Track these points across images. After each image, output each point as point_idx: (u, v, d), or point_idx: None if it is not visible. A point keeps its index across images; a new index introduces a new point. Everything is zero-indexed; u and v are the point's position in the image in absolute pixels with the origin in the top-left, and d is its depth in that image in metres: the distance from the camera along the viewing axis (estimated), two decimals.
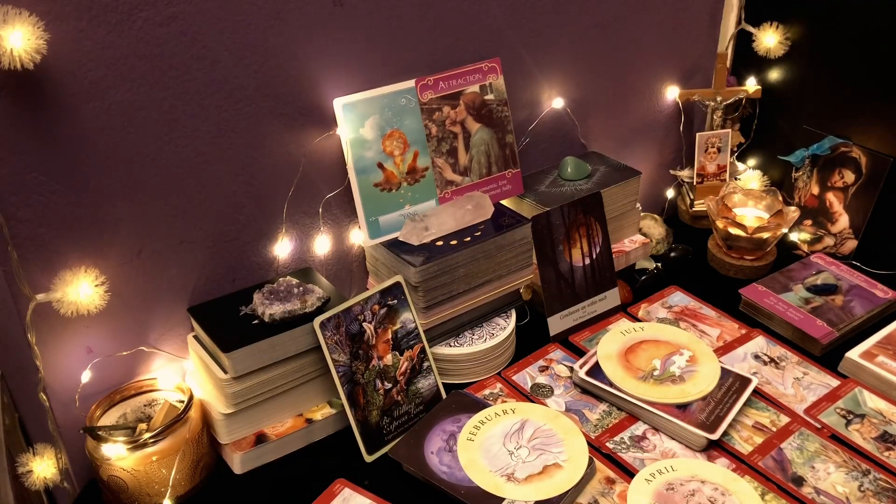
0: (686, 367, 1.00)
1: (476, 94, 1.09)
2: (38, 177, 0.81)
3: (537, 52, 1.17)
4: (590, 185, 1.19)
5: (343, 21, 0.96)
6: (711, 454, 0.91)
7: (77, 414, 0.90)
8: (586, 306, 1.13)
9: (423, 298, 1.00)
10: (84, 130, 0.83)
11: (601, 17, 1.22)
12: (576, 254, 1.12)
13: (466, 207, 1.06)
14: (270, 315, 0.91)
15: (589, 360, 1.03)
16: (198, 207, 0.93)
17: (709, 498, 0.84)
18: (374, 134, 1.02)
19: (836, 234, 1.30)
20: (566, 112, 1.25)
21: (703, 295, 1.20)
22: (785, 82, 1.38)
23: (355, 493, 0.87)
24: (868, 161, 1.26)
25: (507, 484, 0.86)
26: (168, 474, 0.86)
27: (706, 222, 1.36)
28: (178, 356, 0.98)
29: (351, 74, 1.00)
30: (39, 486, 0.80)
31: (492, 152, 1.12)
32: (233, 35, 0.89)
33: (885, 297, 1.15)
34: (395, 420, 0.95)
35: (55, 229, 0.84)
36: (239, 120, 0.93)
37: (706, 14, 1.36)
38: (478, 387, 1.03)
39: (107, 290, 0.84)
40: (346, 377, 0.91)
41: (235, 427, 0.92)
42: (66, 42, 0.79)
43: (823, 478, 0.88)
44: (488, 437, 0.92)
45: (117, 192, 0.87)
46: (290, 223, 1.02)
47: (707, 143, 1.36)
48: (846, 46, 1.28)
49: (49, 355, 0.86)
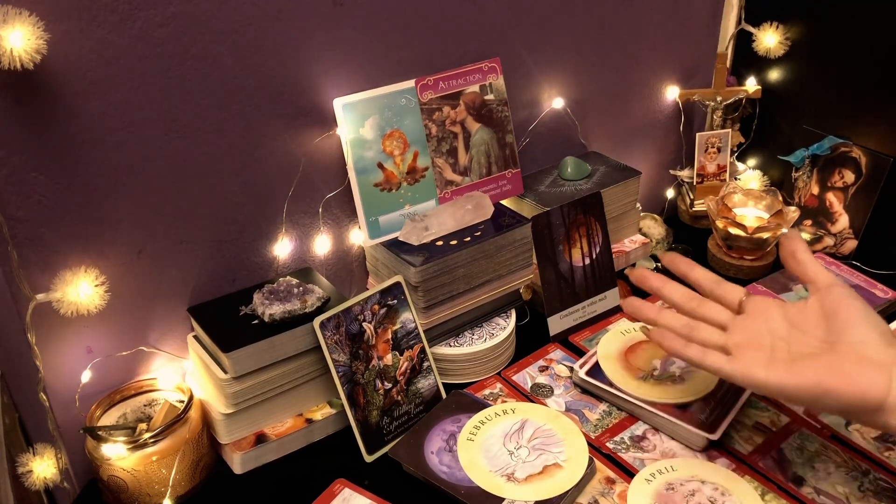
0: (686, 367, 1.00)
1: (476, 94, 1.09)
2: (38, 177, 0.81)
3: (537, 52, 1.17)
4: (590, 185, 1.19)
5: (343, 21, 0.97)
6: (711, 454, 0.91)
7: (77, 414, 0.90)
8: (586, 306, 1.13)
9: (423, 298, 1.00)
10: (84, 130, 0.83)
11: (601, 17, 1.22)
12: (576, 254, 1.12)
13: (466, 207, 1.06)
14: (270, 315, 0.91)
15: (589, 360, 1.03)
16: (198, 207, 0.94)
17: (709, 498, 0.84)
18: (374, 134, 1.02)
19: (836, 234, 1.30)
20: (566, 112, 1.25)
21: None
22: (785, 82, 1.38)
23: (355, 493, 0.87)
24: (868, 161, 1.26)
25: (507, 484, 0.86)
26: (168, 474, 0.86)
27: (706, 222, 1.36)
28: (178, 356, 0.98)
29: (351, 74, 1.00)
30: (39, 486, 0.80)
31: (492, 152, 1.12)
32: (233, 35, 0.89)
33: (885, 297, 1.15)
34: (395, 420, 0.95)
35: (55, 229, 0.84)
36: (239, 120, 0.93)
37: (706, 14, 1.36)
38: (478, 387, 1.03)
39: (107, 290, 0.84)
40: (346, 377, 0.91)
41: (235, 427, 0.92)
42: (66, 42, 0.79)
43: (823, 478, 0.88)
44: (488, 437, 0.92)
45: (117, 192, 0.87)
46: (290, 223, 1.02)
47: (707, 143, 1.36)
48: (846, 46, 1.28)
49: (49, 355, 0.86)
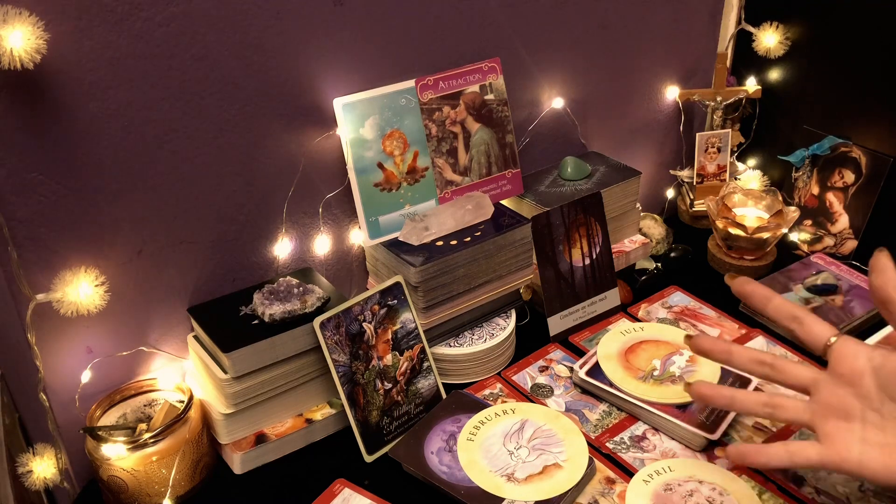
0: (686, 367, 1.00)
1: (476, 94, 1.09)
2: (38, 177, 0.81)
3: (537, 52, 1.17)
4: (590, 185, 1.19)
5: (343, 21, 0.97)
6: (711, 454, 0.91)
7: (77, 414, 0.90)
8: (586, 306, 1.13)
9: (423, 298, 1.00)
10: (84, 130, 0.83)
11: (601, 17, 1.22)
12: (576, 254, 1.12)
13: (466, 207, 1.06)
14: (270, 315, 0.91)
15: (589, 360, 1.03)
16: (198, 207, 0.94)
17: (707, 498, 0.84)
18: (374, 134, 1.02)
19: (836, 234, 1.30)
20: (566, 112, 1.25)
21: (703, 295, 1.20)
22: (785, 82, 1.38)
23: (355, 493, 0.87)
24: (868, 161, 1.26)
25: (507, 484, 0.86)
26: (168, 474, 0.86)
27: (706, 222, 1.36)
28: (178, 356, 0.98)
29: (351, 74, 1.00)
30: (39, 486, 0.81)
31: (492, 152, 1.12)
32: (233, 35, 0.89)
33: None
34: (395, 420, 0.95)
35: (55, 229, 0.84)
36: (239, 120, 0.93)
37: (706, 14, 1.36)
38: (478, 387, 1.03)
39: (107, 290, 0.84)
40: (346, 377, 0.91)
41: (235, 427, 0.92)
42: (66, 42, 0.79)
43: (824, 478, 0.88)
44: (488, 437, 0.92)
45: (117, 192, 0.87)
46: (290, 223, 1.02)
47: (707, 143, 1.36)
48: (846, 46, 1.28)
49: (49, 355, 0.86)
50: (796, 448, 0.71)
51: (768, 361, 0.75)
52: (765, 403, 0.75)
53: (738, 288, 0.80)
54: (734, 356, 0.77)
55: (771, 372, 0.75)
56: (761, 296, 0.78)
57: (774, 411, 0.74)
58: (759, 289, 0.79)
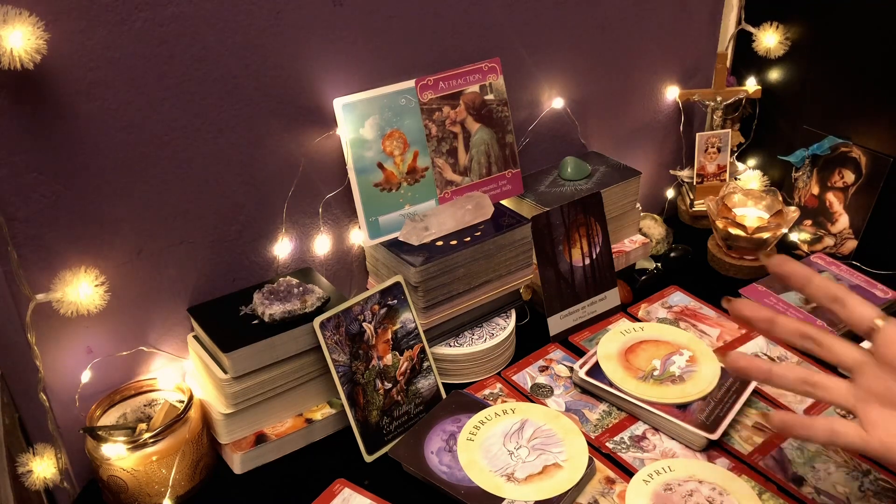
0: (686, 367, 1.00)
1: (476, 94, 1.09)
2: (38, 177, 0.81)
3: (537, 52, 1.17)
4: (590, 185, 1.19)
5: (343, 21, 0.97)
6: (711, 454, 0.91)
7: (77, 414, 0.90)
8: (586, 306, 1.13)
9: (423, 298, 1.00)
10: (84, 130, 0.83)
11: (601, 17, 1.22)
12: (576, 254, 1.12)
13: (466, 207, 1.06)
14: (270, 315, 0.91)
15: (589, 360, 1.03)
16: (198, 207, 0.94)
17: (707, 498, 0.84)
18: (374, 134, 1.02)
19: (836, 234, 1.30)
20: (566, 112, 1.25)
21: (703, 295, 1.20)
22: (785, 82, 1.38)
23: (355, 493, 0.87)
24: (868, 161, 1.26)
25: (507, 484, 0.86)
26: (168, 474, 0.86)
27: (706, 222, 1.36)
28: (177, 356, 0.98)
29: (351, 74, 1.00)
30: (39, 486, 0.80)
31: (492, 152, 1.12)
32: (233, 35, 0.89)
33: (885, 297, 1.15)
34: (395, 420, 0.95)
35: (55, 229, 0.84)
36: (239, 120, 0.93)
37: (706, 14, 1.36)
38: (478, 387, 1.03)
39: (107, 290, 0.84)
40: (346, 377, 0.91)
41: (235, 427, 0.92)
42: (66, 42, 0.79)
43: (824, 478, 0.88)
44: (488, 437, 0.92)
45: (117, 192, 0.87)
46: (290, 223, 1.02)
47: (707, 143, 1.36)
48: (846, 46, 1.28)
49: (49, 355, 0.86)
50: (841, 429, 0.68)
51: (813, 335, 0.70)
52: (804, 381, 0.70)
53: (776, 268, 0.74)
54: (778, 325, 0.72)
55: (815, 347, 0.70)
56: (801, 275, 0.73)
57: (815, 390, 0.70)
58: (799, 268, 0.73)
